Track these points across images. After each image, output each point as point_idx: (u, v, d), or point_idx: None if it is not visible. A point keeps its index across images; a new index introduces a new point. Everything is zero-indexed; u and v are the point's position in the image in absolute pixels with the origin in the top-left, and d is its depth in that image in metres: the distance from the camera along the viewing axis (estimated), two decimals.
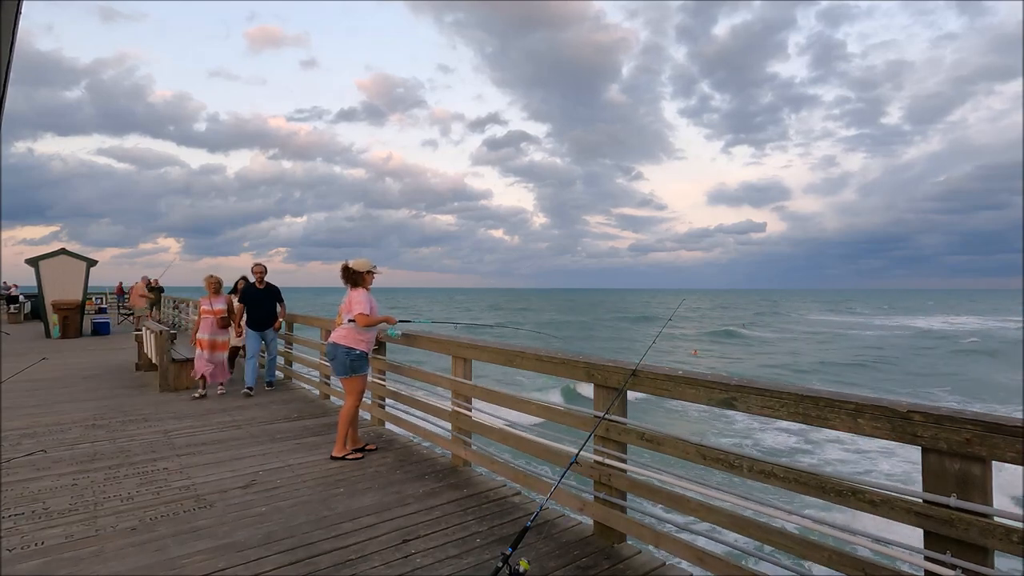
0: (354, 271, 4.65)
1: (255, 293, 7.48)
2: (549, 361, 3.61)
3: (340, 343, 4.56)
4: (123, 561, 2.89)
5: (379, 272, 4.77)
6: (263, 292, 7.50)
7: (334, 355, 4.59)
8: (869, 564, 2.12)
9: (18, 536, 3.17)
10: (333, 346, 4.60)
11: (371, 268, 4.70)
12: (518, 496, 3.82)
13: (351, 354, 4.55)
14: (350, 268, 4.65)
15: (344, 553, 2.97)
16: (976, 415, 1.87)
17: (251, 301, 7.45)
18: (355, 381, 4.63)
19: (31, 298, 20.18)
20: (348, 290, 4.69)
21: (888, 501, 2.05)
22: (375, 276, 4.76)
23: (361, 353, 4.59)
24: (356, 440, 4.79)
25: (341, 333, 4.60)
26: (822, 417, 2.23)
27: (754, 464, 2.47)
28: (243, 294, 7.53)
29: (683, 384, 2.77)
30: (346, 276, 4.66)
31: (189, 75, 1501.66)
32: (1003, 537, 1.79)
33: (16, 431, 5.46)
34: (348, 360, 4.55)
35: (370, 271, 4.69)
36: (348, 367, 4.56)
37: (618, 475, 3.09)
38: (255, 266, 7.54)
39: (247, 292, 7.51)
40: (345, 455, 4.61)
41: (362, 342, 4.60)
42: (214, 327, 7.27)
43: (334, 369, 4.68)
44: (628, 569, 2.83)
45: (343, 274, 4.68)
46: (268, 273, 7.65)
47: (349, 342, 4.55)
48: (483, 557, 2.93)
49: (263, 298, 7.50)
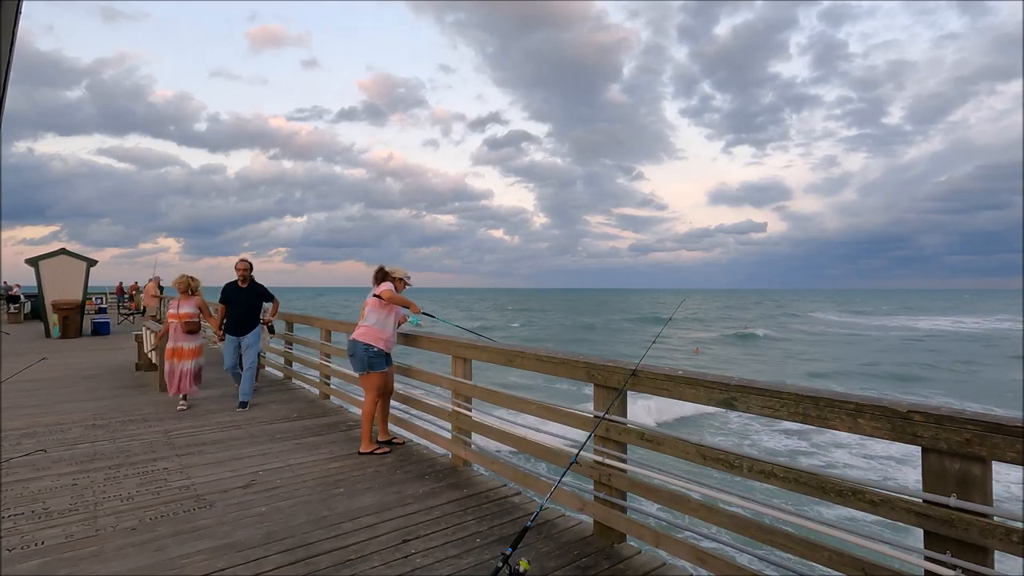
0: (388, 273, 4.88)
1: (235, 293, 6.62)
2: (549, 361, 3.61)
3: (360, 340, 4.71)
4: (123, 561, 2.89)
5: (410, 284, 5.05)
6: (245, 292, 6.62)
7: (354, 351, 4.73)
8: (869, 564, 2.12)
9: (18, 536, 3.17)
10: (353, 343, 4.74)
11: (405, 276, 4.97)
12: (518, 496, 3.82)
13: (370, 351, 4.67)
14: (385, 271, 4.89)
15: (344, 553, 2.97)
16: (976, 415, 1.87)
17: (230, 301, 6.61)
18: (372, 378, 4.73)
19: (31, 298, 20.19)
20: (374, 288, 4.83)
21: (888, 501, 2.05)
22: (406, 286, 5.02)
23: (379, 351, 4.71)
24: (386, 433, 5.00)
25: (362, 331, 4.74)
26: (822, 417, 2.23)
27: (754, 464, 2.46)
28: (223, 293, 6.67)
29: (683, 384, 2.77)
30: (379, 277, 4.86)
31: (190, 75, 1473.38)
32: (1003, 537, 1.79)
33: (16, 431, 5.46)
34: (367, 357, 4.67)
35: (403, 279, 4.95)
36: (366, 363, 4.69)
37: (618, 475, 3.09)
38: (239, 262, 6.66)
39: (227, 291, 6.66)
40: (372, 450, 4.75)
41: (381, 341, 4.72)
42: (178, 333, 6.43)
43: (353, 365, 4.84)
44: (628, 569, 2.83)
45: (377, 275, 4.88)
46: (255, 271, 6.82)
47: (369, 339, 4.69)
48: (483, 557, 2.93)
49: (244, 298, 6.63)
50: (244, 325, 6.58)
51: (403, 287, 4.99)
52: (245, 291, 6.60)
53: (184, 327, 6.38)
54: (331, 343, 7.24)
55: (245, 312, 6.58)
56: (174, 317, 6.43)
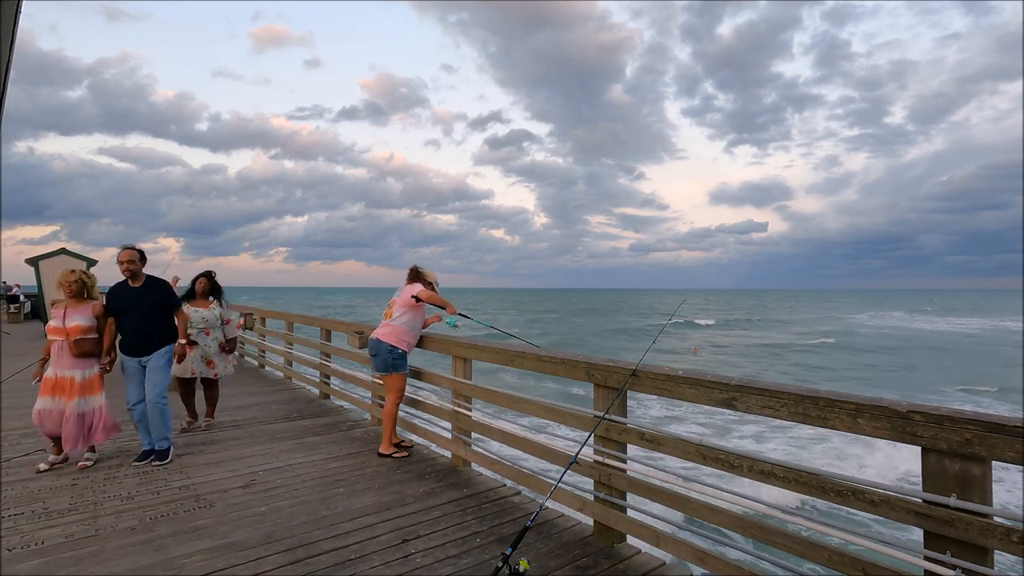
0: (421, 273, 4.82)
1: (125, 296, 4.54)
2: (549, 361, 3.61)
3: (384, 340, 4.64)
4: (123, 561, 2.88)
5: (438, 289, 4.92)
6: (138, 293, 4.55)
7: (377, 351, 4.67)
8: (869, 564, 2.11)
9: (18, 536, 3.17)
10: (377, 342, 4.67)
11: (435, 280, 4.86)
12: (518, 496, 3.82)
13: (394, 352, 4.61)
14: (418, 270, 4.83)
15: (344, 553, 2.97)
16: (976, 415, 1.87)
17: (118, 310, 4.53)
18: (394, 379, 4.68)
19: (31, 298, 20.19)
20: (404, 286, 4.80)
21: (888, 501, 2.05)
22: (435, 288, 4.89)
23: (403, 352, 4.66)
24: (395, 435, 4.92)
25: (386, 331, 4.67)
26: (822, 417, 2.23)
27: (754, 464, 2.46)
28: (108, 299, 4.60)
29: (683, 384, 2.77)
30: (412, 276, 4.82)
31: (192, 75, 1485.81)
32: (1003, 537, 1.79)
33: (16, 431, 5.46)
34: (391, 358, 4.61)
35: (433, 282, 4.84)
36: (390, 364, 4.63)
37: (618, 475, 3.09)
38: (121, 252, 4.54)
39: (112, 296, 4.60)
40: (391, 453, 4.69)
41: (404, 342, 4.66)
42: (63, 356, 4.31)
43: (374, 365, 4.77)
44: (628, 569, 2.83)
45: (410, 275, 4.82)
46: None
47: (392, 340, 4.63)
48: (483, 557, 2.93)
49: (139, 302, 4.51)
50: (145, 340, 4.52)
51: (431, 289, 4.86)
52: (139, 292, 4.57)
53: (74, 348, 4.30)
54: (331, 343, 7.25)
55: (142, 322, 4.51)
56: (57, 333, 4.32)
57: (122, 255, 4.53)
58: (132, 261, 4.53)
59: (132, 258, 4.54)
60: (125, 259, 4.52)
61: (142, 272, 4.65)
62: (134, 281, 4.59)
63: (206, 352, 5.63)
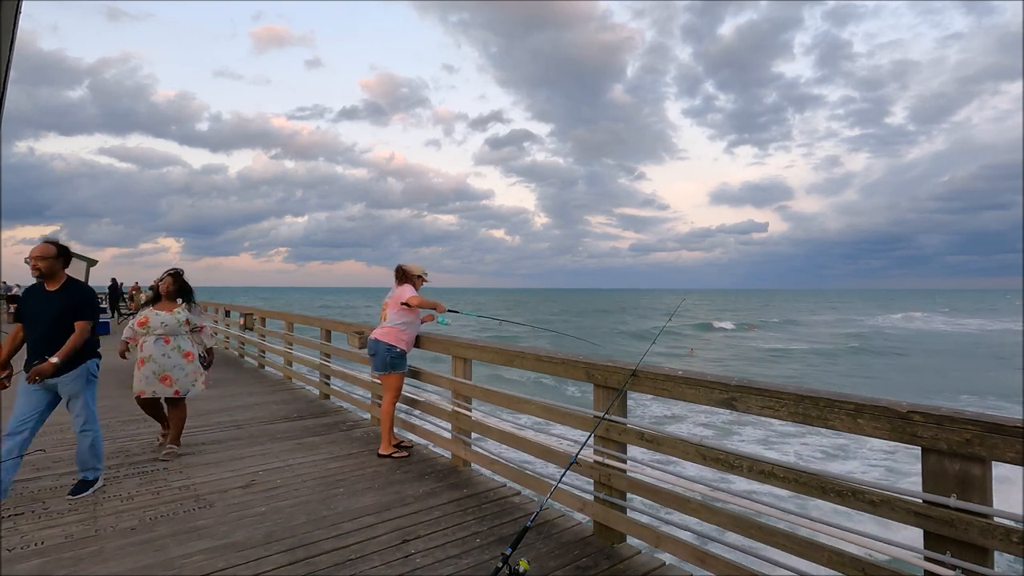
0: (407, 271, 4.84)
1: (35, 300, 3.71)
2: (549, 361, 3.61)
3: (382, 340, 4.69)
4: (123, 561, 2.88)
5: (428, 281, 4.97)
6: (50, 299, 3.68)
7: (375, 351, 4.72)
8: (869, 564, 2.11)
9: (18, 536, 3.17)
10: (375, 342, 4.72)
11: (422, 273, 4.91)
12: (518, 496, 3.82)
13: (392, 351, 4.66)
14: (404, 269, 4.84)
15: (344, 553, 2.97)
16: (976, 415, 1.87)
17: (26, 316, 3.70)
18: (392, 378, 4.72)
19: None
20: (395, 287, 4.82)
21: (888, 501, 2.05)
22: (424, 283, 4.94)
23: (401, 351, 4.70)
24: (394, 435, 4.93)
25: (384, 331, 4.73)
26: (822, 417, 2.23)
27: (754, 464, 2.46)
28: (20, 302, 3.89)
29: (683, 384, 2.77)
30: (399, 276, 4.83)
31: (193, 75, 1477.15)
32: (1003, 537, 1.79)
33: None
34: (389, 357, 4.66)
35: (421, 276, 4.89)
36: (388, 363, 4.67)
37: (618, 475, 3.09)
38: (35, 247, 3.73)
39: (23, 299, 3.81)
40: (391, 453, 4.71)
41: (403, 341, 4.71)
42: None
43: (373, 364, 4.83)
44: (628, 569, 2.83)
45: (397, 274, 4.85)
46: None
47: (391, 340, 4.68)
48: (483, 557, 2.93)
49: (51, 308, 3.65)
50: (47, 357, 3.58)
51: (421, 284, 4.93)
52: (51, 297, 3.68)
53: None
54: (331, 343, 7.25)
55: (47, 334, 3.64)
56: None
57: (34, 250, 3.67)
58: (44, 258, 3.65)
59: (45, 254, 3.66)
60: (37, 254, 3.64)
61: (62, 273, 3.76)
62: (50, 283, 3.70)
63: (162, 366, 4.67)
